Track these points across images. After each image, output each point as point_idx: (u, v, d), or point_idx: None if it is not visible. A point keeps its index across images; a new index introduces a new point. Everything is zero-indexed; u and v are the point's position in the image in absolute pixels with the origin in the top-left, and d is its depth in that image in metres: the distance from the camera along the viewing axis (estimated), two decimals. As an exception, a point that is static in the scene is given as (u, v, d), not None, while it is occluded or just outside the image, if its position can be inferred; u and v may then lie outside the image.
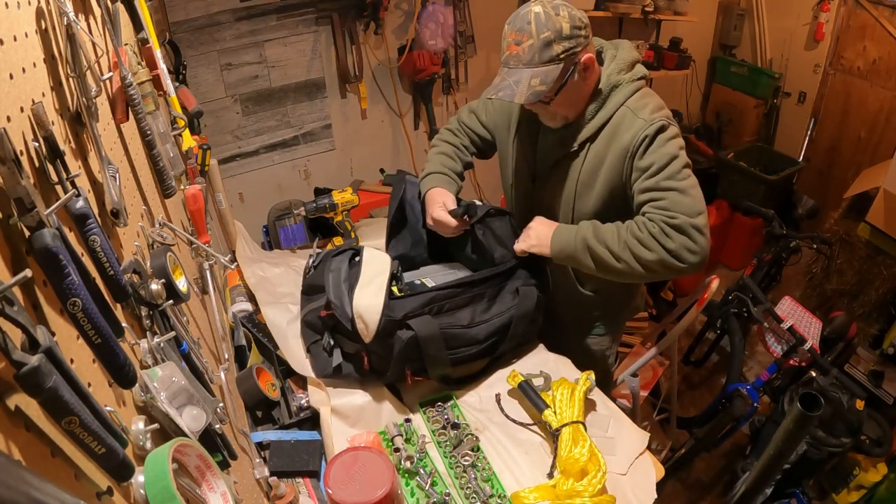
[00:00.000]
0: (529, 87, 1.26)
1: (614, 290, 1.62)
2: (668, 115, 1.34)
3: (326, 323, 1.38)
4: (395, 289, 1.46)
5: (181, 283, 0.92)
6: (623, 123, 1.35)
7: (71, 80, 0.73)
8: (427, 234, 1.67)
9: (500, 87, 1.30)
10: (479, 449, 1.27)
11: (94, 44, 0.85)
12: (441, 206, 1.53)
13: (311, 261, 1.53)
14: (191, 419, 0.77)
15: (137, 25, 1.19)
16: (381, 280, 1.36)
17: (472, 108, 1.71)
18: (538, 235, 1.43)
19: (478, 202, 1.59)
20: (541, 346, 1.55)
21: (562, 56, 1.26)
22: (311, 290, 1.48)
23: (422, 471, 1.21)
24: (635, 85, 1.37)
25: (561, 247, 1.39)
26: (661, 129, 1.30)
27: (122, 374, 0.60)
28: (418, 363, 1.33)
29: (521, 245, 1.46)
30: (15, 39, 0.58)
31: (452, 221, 1.51)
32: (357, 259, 1.45)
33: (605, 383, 1.82)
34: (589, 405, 1.37)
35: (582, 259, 1.37)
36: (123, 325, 0.70)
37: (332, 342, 1.38)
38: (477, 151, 1.73)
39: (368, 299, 1.30)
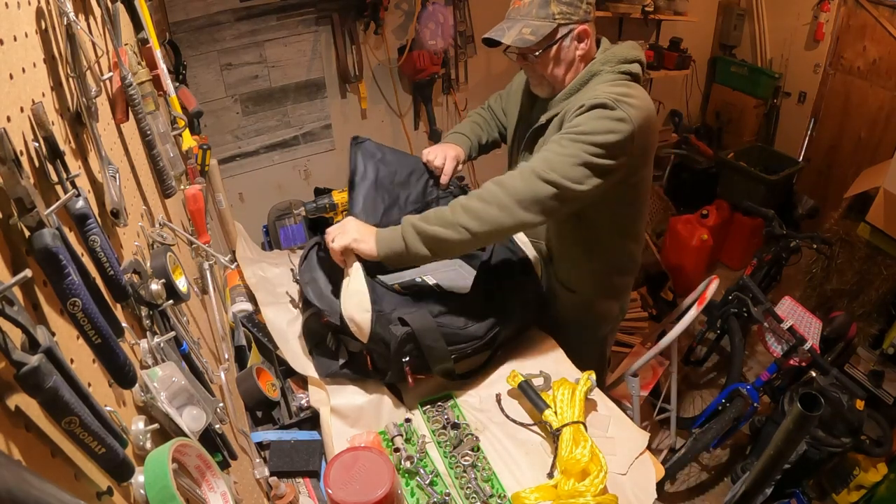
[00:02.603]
0: (519, 33, 1.34)
1: (591, 291, 1.64)
2: (625, 100, 1.26)
3: (329, 326, 1.37)
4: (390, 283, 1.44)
5: (181, 283, 0.92)
6: (583, 98, 1.36)
7: (71, 80, 0.73)
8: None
9: (495, 29, 1.38)
10: (479, 449, 1.26)
11: (94, 44, 0.85)
12: (450, 157, 1.62)
13: (294, 273, 1.52)
14: (191, 419, 0.77)
15: (137, 25, 1.19)
16: (357, 277, 1.30)
17: (500, 93, 1.82)
18: (358, 230, 1.31)
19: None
20: (540, 345, 1.55)
21: (556, 16, 1.33)
22: (305, 301, 1.48)
23: (422, 471, 1.20)
24: (615, 76, 1.39)
25: (388, 243, 1.29)
26: (603, 105, 1.26)
27: (122, 374, 0.60)
28: (417, 359, 1.33)
29: (337, 243, 1.29)
30: (15, 39, 0.58)
31: (443, 170, 1.61)
32: (321, 254, 1.43)
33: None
34: (589, 405, 1.37)
35: (414, 247, 1.27)
36: (123, 325, 0.70)
37: (336, 342, 1.38)
38: (500, 134, 1.80)
39: (353, 298, 1.28)
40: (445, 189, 1.64)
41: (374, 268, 1.38)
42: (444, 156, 1.63)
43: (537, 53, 1.37)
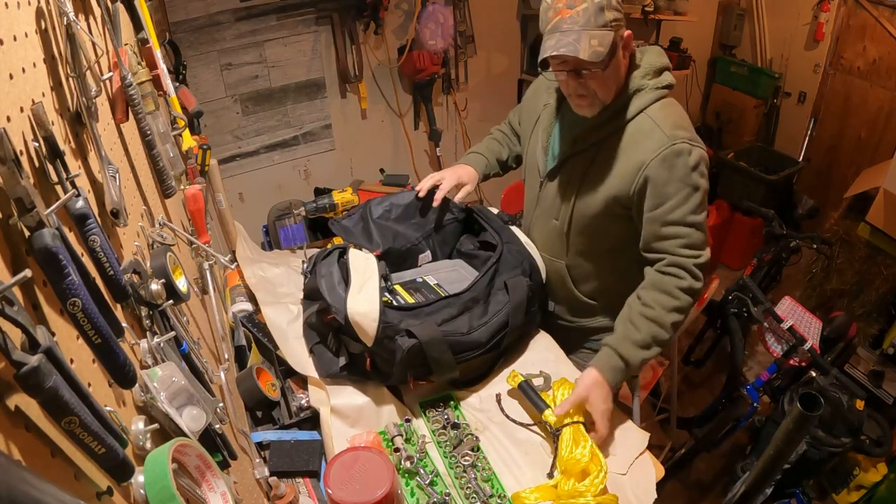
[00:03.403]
0: (590, 45, 1.21)
1: (616, 297, 1.55)
2: (692, 135, 1.30)
3: (331, 325, 1.37)
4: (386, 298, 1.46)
5: (181, 283, 0.92)
6: (641, 132, 1.31)
7: (71, 80, 0.73)
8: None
9: (561, 44, 1.22)
10: (479, 449, 1.26)
11: (94, 44, 0.85)
12: (451, 176, 1.61)
13: (305, 266, 1.53)
14: (191, 419, 0.77)
15: (137, 25, 1.19)
16: (373, 284, 1.34)
17: (516, 108, 1.76)
18: (600, 401, 1.27)
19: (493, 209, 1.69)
20: (542, 345, 1.55)
21: (612, 24, 1.23)
22: (312, 294, 1.47)
23: (422, 471, 1.20)
24: (658, 93, 1.33)
25: (618, 382, 1.33)
26: (685, 152, 1.27)
27: (122, 374, 0.60)
28: (421, 369, 1.33)
29: (607, 420, 1.27)
30: (15, 39, 0.58)
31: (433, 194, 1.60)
32: (345, 258, 1.44)
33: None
34: (589, 405, 1.37)
35: (637, 370, 1.36)
36: (123, 325, 0.70)
37: (337, 342, 1.38)
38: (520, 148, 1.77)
39: (364, 305, 1.28)
40: (438, 205, 1.63)
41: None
42: (440, 176, 1.61)
43: (604, 68, 1.26)
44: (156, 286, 0.84)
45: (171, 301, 0.88)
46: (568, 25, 1.22)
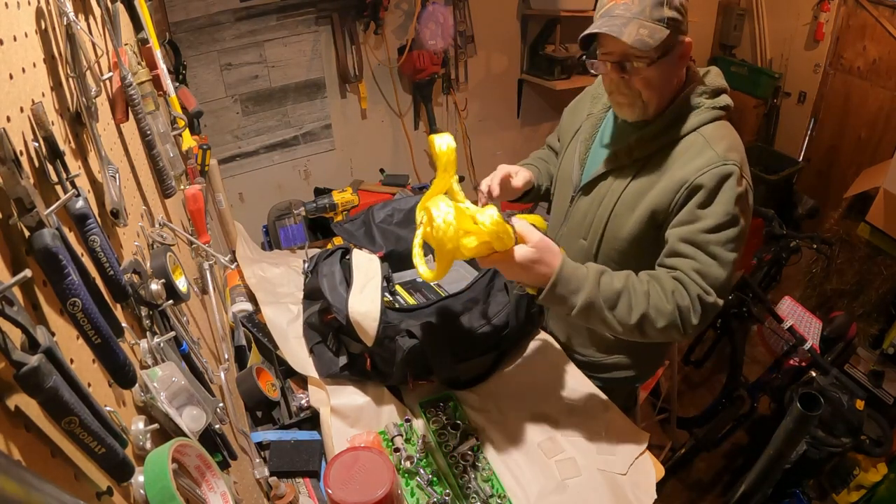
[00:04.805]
0: (637, 33, 1.11)
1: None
2: (744, 165, 1.20)
3: (331, 325, 1.38)
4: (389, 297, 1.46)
5: (181, 283, 0.92)
6: (691, 150, 1.21)
7: (71, 80, 0.73)
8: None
9: (607, 23, 1.13)
10: (479, 449, 1.26)
11: (94, 44, 0.85)
12: (501, 170, 1.37)
13: (305, 266, 1.53)
14: (191, 419, 0.77)
15: (137, 25, 1.19)
16: (374, 284, 1.35)
17: (556, 130, 1.64)
18: (550, 250, 1.10)
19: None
20: (542, 346, 1.55)
21: (669, 22, 1.13)
22: (312, 294, 1.48)
23: (422, 471, 1.21)
24: (714, 113, 1.24)
25: (555, 293, 1.10)
26: (734, 176, 1.16)
27: (122, 374, 0.60)
28: (421, 368, 1.33)
29: (522, 256, 1.07)
30: (15, 39, 0.58)
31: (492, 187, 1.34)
32: (348, 258, 1.44)
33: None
34: (588, 405, 1.36)
35: (575, 302, 1.11)
36: (123, 325, 0.70)
37: (337, 343, 1.38)
38: None
39: (365, 305, 1.29)
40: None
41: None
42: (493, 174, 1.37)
43: (650, 63, 1.16)
44: (156, 286, 0.84)
45: (171, 301, 0.88)
46: (620, 11, 1.14)
